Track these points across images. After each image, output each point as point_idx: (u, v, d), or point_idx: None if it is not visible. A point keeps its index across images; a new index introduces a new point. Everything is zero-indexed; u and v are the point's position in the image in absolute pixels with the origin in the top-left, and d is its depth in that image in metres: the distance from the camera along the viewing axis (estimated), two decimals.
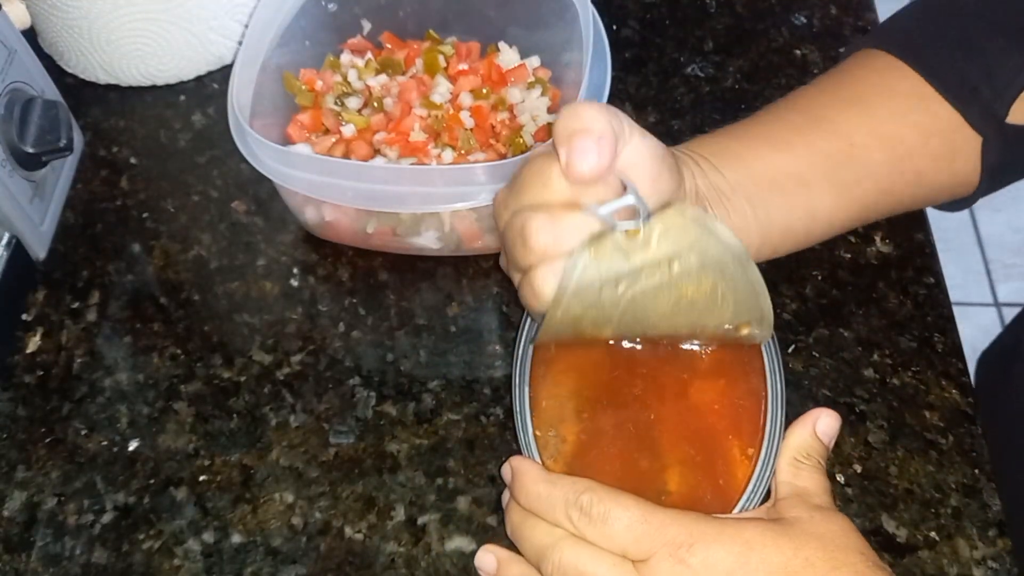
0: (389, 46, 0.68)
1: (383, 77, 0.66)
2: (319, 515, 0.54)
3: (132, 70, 0.71)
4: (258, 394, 0.58)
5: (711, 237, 0.45)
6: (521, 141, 0.63)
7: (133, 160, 0.69)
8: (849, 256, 0.63)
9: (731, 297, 0.46)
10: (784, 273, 0.61)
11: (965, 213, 1.84)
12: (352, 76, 0.66)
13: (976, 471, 0.55)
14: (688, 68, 0.74)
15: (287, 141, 0.64)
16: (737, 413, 0.50)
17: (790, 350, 0.59)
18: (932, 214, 0.66)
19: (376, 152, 0.63)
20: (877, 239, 0.64)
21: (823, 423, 0.48)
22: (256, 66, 0.60)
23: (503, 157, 0.62)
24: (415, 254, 0.63)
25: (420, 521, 0.53)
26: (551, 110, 0.65)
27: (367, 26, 0.69)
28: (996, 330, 1.72)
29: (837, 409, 0.48)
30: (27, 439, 0.56)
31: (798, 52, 0.74)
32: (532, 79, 0.66)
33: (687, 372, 0.52)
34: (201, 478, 0.55)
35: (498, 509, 0.54)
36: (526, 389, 0.51)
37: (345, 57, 0.68)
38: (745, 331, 0.48)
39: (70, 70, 0.72)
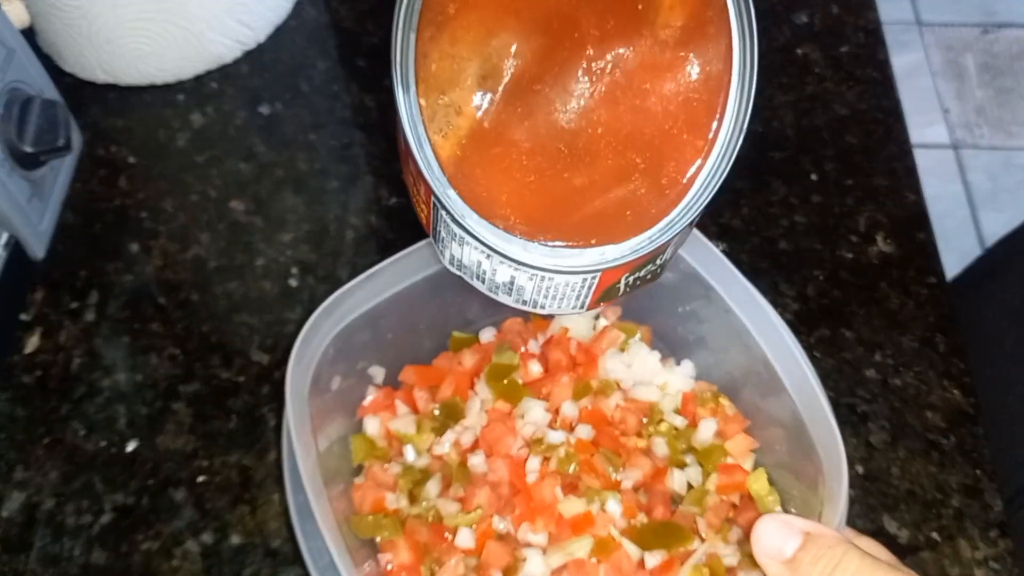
0: (419, 386, 0.49)
1: (449, 434, 0.47)
2: None
3: (131, 69, 0.71)
4: (257, 394, 0.58)
5: None
6: (666, 424, 0.47)
7: (132, 160, 0.69)
8: (851, 256, 0.63)
9: None
10: (785, 273, 0.61)
11: (966, 213, 1.84)
12: (409, 455, 0.47)
13: (978, 472, 0.54)
14: None
15: None
16: (690, 104, 0.36)
17: None
18: (933, 214, 0.65)
19: (517, 544, 0.44)
20: (879, 239, 0.64)
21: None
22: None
23: (659, 467, 0.47)
24: None
25: None
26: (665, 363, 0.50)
27: (379, 373, 0.51)
28: None
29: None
30: (26, 439, 0.56)
31: (799, 51, 0.74)
32: (622, 337, 0.51)
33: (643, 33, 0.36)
34: (200, 479, 0.55)
35: None
36: (412, 36, 0.35)
37: (372, 425, 0.48)
38: None
39: (69, 69, 0.72)
